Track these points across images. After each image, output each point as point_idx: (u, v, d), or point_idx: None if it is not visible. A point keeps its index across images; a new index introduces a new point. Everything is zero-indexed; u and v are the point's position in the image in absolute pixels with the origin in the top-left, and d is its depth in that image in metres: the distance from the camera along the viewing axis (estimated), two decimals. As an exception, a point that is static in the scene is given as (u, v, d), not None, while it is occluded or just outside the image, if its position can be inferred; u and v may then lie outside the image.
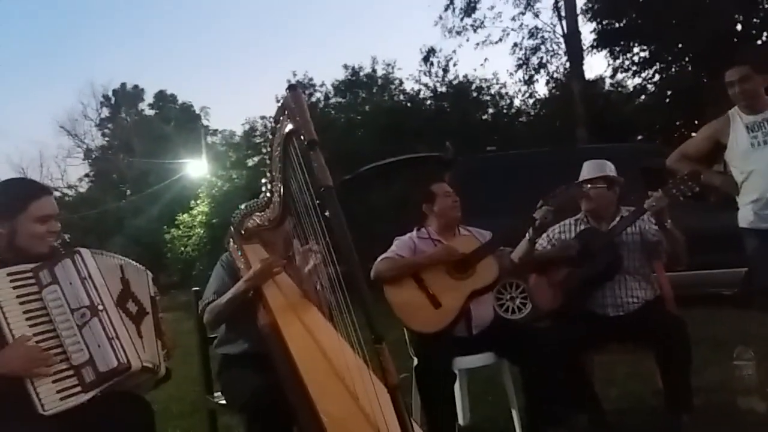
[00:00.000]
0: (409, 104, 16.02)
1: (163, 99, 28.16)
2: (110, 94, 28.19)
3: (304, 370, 2.06)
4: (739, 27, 12.75)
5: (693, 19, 11.95)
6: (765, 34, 12.80)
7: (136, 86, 28.32)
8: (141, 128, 26.01)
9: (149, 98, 28.32)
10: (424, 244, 3.10)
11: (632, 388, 3.55)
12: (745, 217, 3.25)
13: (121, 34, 45.61)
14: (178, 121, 26.55)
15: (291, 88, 1.91)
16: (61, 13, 41.74)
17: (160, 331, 2.19)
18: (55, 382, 1.83)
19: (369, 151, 11.22)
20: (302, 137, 1.86)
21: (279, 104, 2.03)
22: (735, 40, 12.13)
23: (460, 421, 3.10)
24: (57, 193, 26.78)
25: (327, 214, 1.81)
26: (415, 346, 2.98)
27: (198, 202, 14.64)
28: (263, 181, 2.30)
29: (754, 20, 12.78)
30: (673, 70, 13.98)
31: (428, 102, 16.43)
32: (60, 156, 29.65)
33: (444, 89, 16.78)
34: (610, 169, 3.16)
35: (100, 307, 1.94)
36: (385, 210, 8.95)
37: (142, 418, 2.11)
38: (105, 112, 28.43)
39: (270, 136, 2.16)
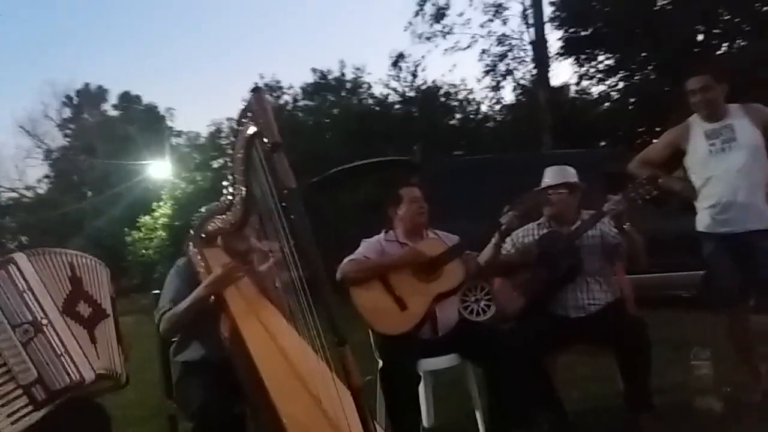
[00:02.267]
0: (377, 108, 16.02)
1: (127, 100, 27.68)
2: (73, 94, 27.65)
3: (266, 373, 2.03)
4: (700, 37, 13.09)
5: (657, 30, 12.25)
6: (725, 45, 13.17)
7: (99, 86, 27.83)
8: (104, 129, 25.48)
9: (113, 99, 27.87)
10: (391, 246, 3.10)
11: (594, 389, 3.59)
12: (703, 221, 3.34)
13: (85, 33, 44.68)
14: (143, 122, 26.11)
15: (254, 90, 1.90)
16: (22, 11, 40.72)
17: (119, 335, 2.08)
18: (3, 406, 1.72)
19: (337, 154, 11.20)
20: (265, 140, 1.85)
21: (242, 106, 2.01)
22: (696, 50, 12.45)
23: (425, 423, 3.10)
24: (14, 194, 26.14)
25: (292, 216, 1.80)
26: (380, 348, 2.98)
27: (160, 204, 14.43)
28: (224, 183, 2.27)
29: (715, 31, 13.13)
30: (636, 78, 14.25)
31: (396, 106, 16.46)
32: (19, 156, 28.87)
33: (412, 94, 16.84)
34: (571, 174, 3.21)
35: (44, 321, 1.81)
36: (353, 213, 8.94)
37: (98, 425, 2.04)
38: (67, 113, 27.84)
39: (233, 138, 2.13)
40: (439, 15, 17.05)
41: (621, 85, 14.74)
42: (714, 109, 3.27)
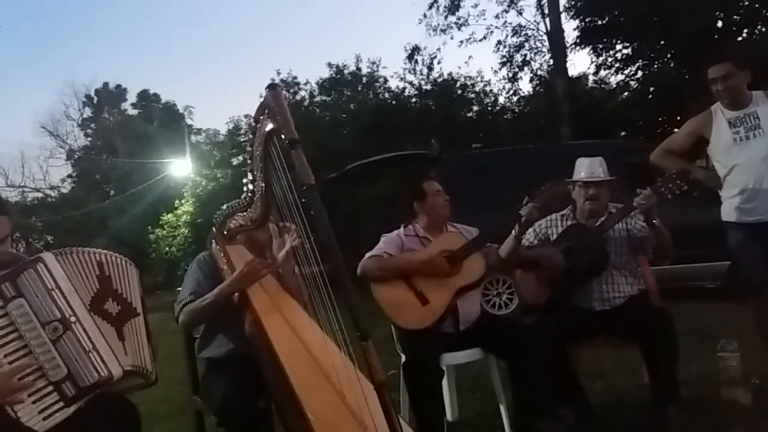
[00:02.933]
0: (394, 102, 16.01)
1: (146, 98, 27.97)
2: (92, 93, 27.99)
3: (290, 369, 2.05)
4: (720, 24, 12.88)
5: (675, 17, 12.06)
6: (745, 31, 12.94)
7: (118, 86, 28.15)
8: (124, 128, 25.81)
9: (132, 98, 28.18)
10: (411, 241, 3.10)
11: (618, 382, 3.57)
12: (728, 210, 3.29)
13: (103, 33, 45.28)
14: (162, 120, 26.39)
15: (270, 86, 1.89)
16: (42, 13, 41.27)
17: (149, 333, 2.08)
18: (35, 402, 1.74)
19: (354, 149, 11.22)
20: (283, 136, 1.85)
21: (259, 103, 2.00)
22: (716, 37, 12.24)
23: (449, 417, 3.11)
24: (39, 194, 26.55)
25: (312, 212, 1.80)
26: (402, 343, 2.98)
27: (182, 201, 14.58)
28: (244, 180, 2.28)
29: (735, 17, 12.91)
30: (655, 66, 14.09)
31: (413, 100, 16.43)
32: (42, 157, 29.33)
33: (429, 87, 16.80)
34: (605, 169, 3.15)
35: (73, 319, 1.82)
36: (371, 208, 8.95)
37: (128, 421, 2.06)
38: (87, 112, 28.21)
39: (251, 136, 2.14)
40: (454, 7, 16.99)
41: (639, 74, 14.60)
42: (737, 96, 3.21)
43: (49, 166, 30.14)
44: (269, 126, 1.95)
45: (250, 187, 2.24)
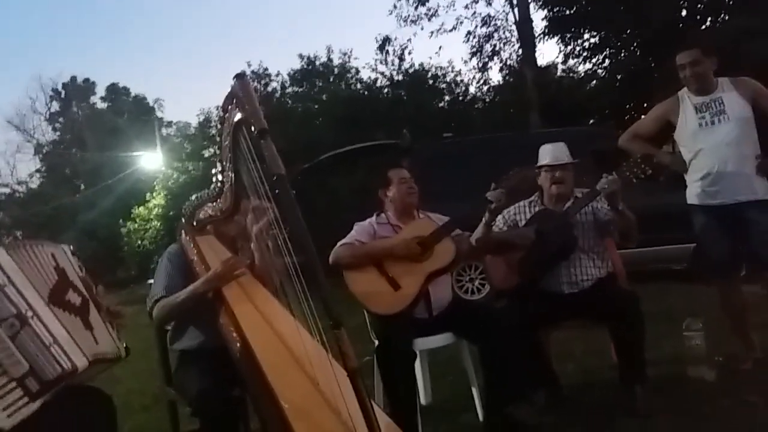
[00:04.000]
0: (366, 93, 15.94)
1: (115, 92, 27.54)
2: (60, 87, 27.45)
3: (263, 358, 2.05)
4: (684, 13, 13.06)
5: (641, 6, 12.20)
6: (709, 19, 13.14)
7: (87, 79, 27.66)
8: (93, 122, 25.37)
9: (101, 91, 27.69)
10: (383, 229, 3.12)
11: (588, 363, 3.65)
12: (693, 193, 3.37)
13: (70, 26, 44.30)
14: (132, 113, 26.00)
15: (238, 76, 1.88)
16: (5, 5, 40.17)
17: (101, 310, 2.04)
18: None
19: (327, 140, 11.16)
20: (252, 127, 1.85)
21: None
22: (681, 25, 12.41)
23: (422, 401, 3.14)
24: (6, 189, 26.01)
25: (282, 203, 1.80)
26: (375, 329, 3.01)
27: (154, 194, 14.39)
28: (213, 171, 2.27)
29: (699, 6, 13.09)
30: (622, 55, 14.21)
31: (385, 90, 16.39)
32: (9, 152, 28.72)
33: (400, 78, 16.77)
34: (567, 153, 3.21)
35: (30, 314, 1.79)
36: (344, 198, 8.93)
37: (104, 414, 2.05)
38: (55, 107, 27.69)
39: (219, 126, 2.13)
40: (424, -2, 16.94)
41: (607, 62, 14.71)
42: (703, 82, 3.29)
43: (17, 161, 29.57)
44: (238, 116, 1.94)
45: (219, 177, 2.24)
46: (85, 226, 18.59)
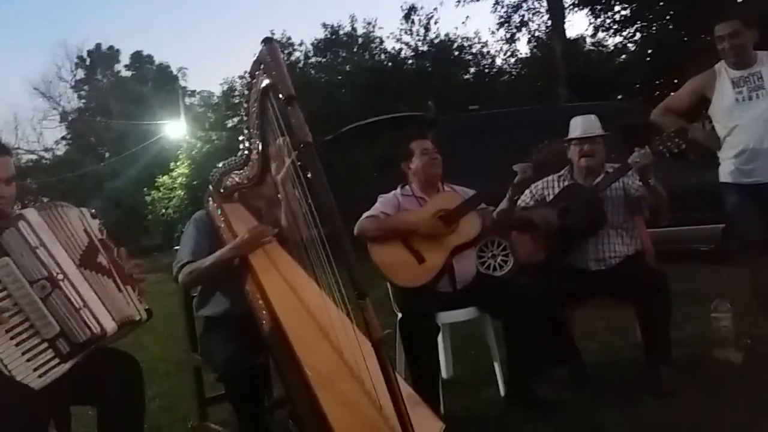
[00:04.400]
0: (390, 64, 15.83)
1: (139, 60, 27.60)
2: (85, 55, 27.58)
3: (288, 327, 2.06)
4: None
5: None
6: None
7: (111, 47, 27.70)
8: (118, 90, 25.49)
9: (125, 59, 27.77)
10: (408, 201, 3.09)
11: (612, 341, 3.61)
12: (726, 171, 3.29)
13: (94, -8, 44.29)
14: (156, 82, 26.08)
15: (266, 41, 1.85)
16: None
17: (124, 273, 2.05)
18: (29, 360, 1.75)
19: (350, 112, 11.12)
20: (279, 93, 1.82)
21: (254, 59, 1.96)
22: (714, -1, 12.07)
23: (443, 375, 3.14)
24: (33, 156, 26.38)
25: (309, 172, 1.78)
26: (398, 301, 3.00)
27: (178, 163, 14.50)
28: (240, 138, 2.25)
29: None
30: (653, 28, 13.91)
31: (410, 61, 16.25)
32: (35, 119, 29.12)
33: (425, 48, 16.59)
34: (598, 125, 3.14)
35: (60, 277, 1.81)
36: (367, 170, 8.91)
37: (131, 375, 2.08)
38: (80, 74, 27.85)
39: (246, 92, 2.10)
40: (451, -34, 16.69)
41: (638, 36, 14.42)
42: (743, 55, 3.18)
43: (43, 128, 30.04)
44: (265, 82, 1.91)
45: (246, 144, 2.22)
46: (110, 194, 18.85)
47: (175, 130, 18.52)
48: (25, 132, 28.36)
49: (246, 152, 2.28)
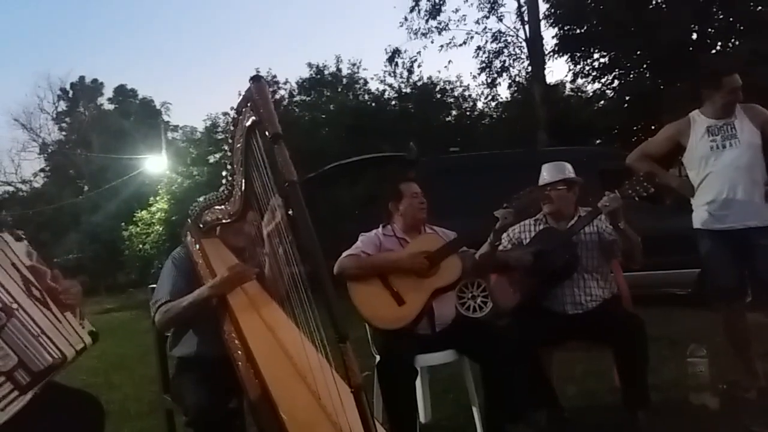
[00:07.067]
0: (373, 104, 16.01)
1: (123, 93, 27.58)
2: (68, 87, 27.51)
3: (265, 369, 2.02)
4: (694, 36, 13.11)
5: (652, 28, 12.26)
6: (719, 43, 13.19)
7: (95, 80, 27.69)
8: (99, 123, 25.40)
9: (109, 92, 27.74)
10: (389, 241, 3.10)
11: (590, 385, 3.61)
12: (700, 217, 3.35)
13: (80, 26, 44.54)
14: (138, 116, 26.04)
15: (255, 78, 1.86)
16: (17, 3, 40.47)
17: (59, 301, 1.91)
18: None
19: (333, 150, 11.19)
20: (266, 131, 1.83)
21: (241, 96, 1.98)
22: (690, 48, 12.46)
23: (422, 419, 3.11)
24: (10, 188, 26.02)
25: (291, 211, 1.78)
26: (377, 343, 2.98)
27: (157, 198, 14.38)
28: (224, 173, 2.25)
29: (709, 30, 13.14)
30: (631, 76, 14.27)
31: (393, 102, 16.46)
32: (14, 150, 28.79)
33: (408, 90, 16.85)
34: (569, 170, 3.21)
35: (14, 306, 1.74)
36: (348, 208, 8.93)
37: (93, 416, 2.01)
38: (62, 106, 27.72)
39: (232, 128, 2.11)
40: (435, 11, 17.15)
41: (616, 83, 14.78)
42: (734, 107, 3.28)
43: (21, 160, 29.64)
44: (252, 119, 1.93)
45: (229, 179, 2.21)
46: (87, 227, 18.54)
47: (155, 164, 18.42)
48: (2, 163, 28.04)
49: (229, 187, 2.27)
